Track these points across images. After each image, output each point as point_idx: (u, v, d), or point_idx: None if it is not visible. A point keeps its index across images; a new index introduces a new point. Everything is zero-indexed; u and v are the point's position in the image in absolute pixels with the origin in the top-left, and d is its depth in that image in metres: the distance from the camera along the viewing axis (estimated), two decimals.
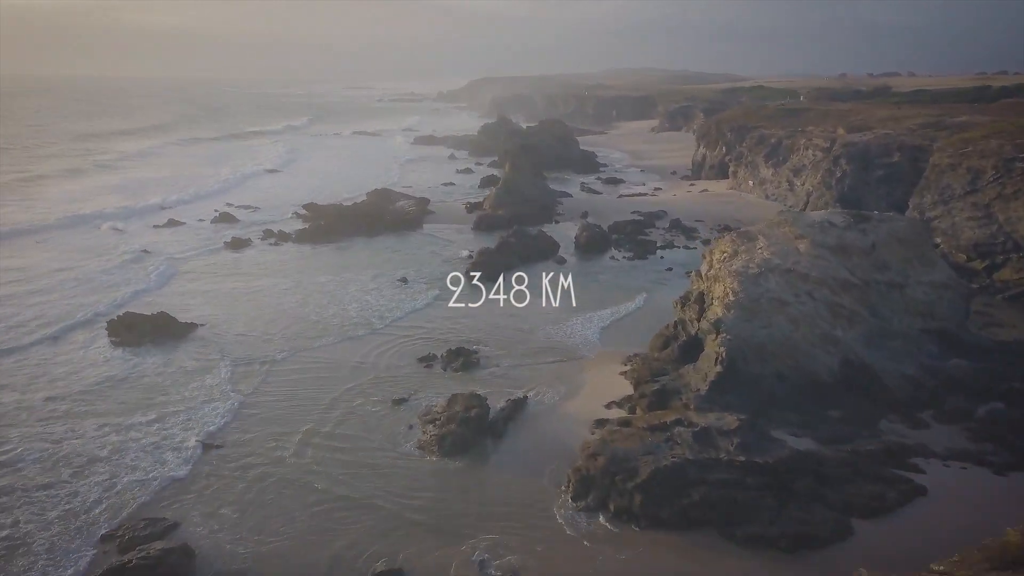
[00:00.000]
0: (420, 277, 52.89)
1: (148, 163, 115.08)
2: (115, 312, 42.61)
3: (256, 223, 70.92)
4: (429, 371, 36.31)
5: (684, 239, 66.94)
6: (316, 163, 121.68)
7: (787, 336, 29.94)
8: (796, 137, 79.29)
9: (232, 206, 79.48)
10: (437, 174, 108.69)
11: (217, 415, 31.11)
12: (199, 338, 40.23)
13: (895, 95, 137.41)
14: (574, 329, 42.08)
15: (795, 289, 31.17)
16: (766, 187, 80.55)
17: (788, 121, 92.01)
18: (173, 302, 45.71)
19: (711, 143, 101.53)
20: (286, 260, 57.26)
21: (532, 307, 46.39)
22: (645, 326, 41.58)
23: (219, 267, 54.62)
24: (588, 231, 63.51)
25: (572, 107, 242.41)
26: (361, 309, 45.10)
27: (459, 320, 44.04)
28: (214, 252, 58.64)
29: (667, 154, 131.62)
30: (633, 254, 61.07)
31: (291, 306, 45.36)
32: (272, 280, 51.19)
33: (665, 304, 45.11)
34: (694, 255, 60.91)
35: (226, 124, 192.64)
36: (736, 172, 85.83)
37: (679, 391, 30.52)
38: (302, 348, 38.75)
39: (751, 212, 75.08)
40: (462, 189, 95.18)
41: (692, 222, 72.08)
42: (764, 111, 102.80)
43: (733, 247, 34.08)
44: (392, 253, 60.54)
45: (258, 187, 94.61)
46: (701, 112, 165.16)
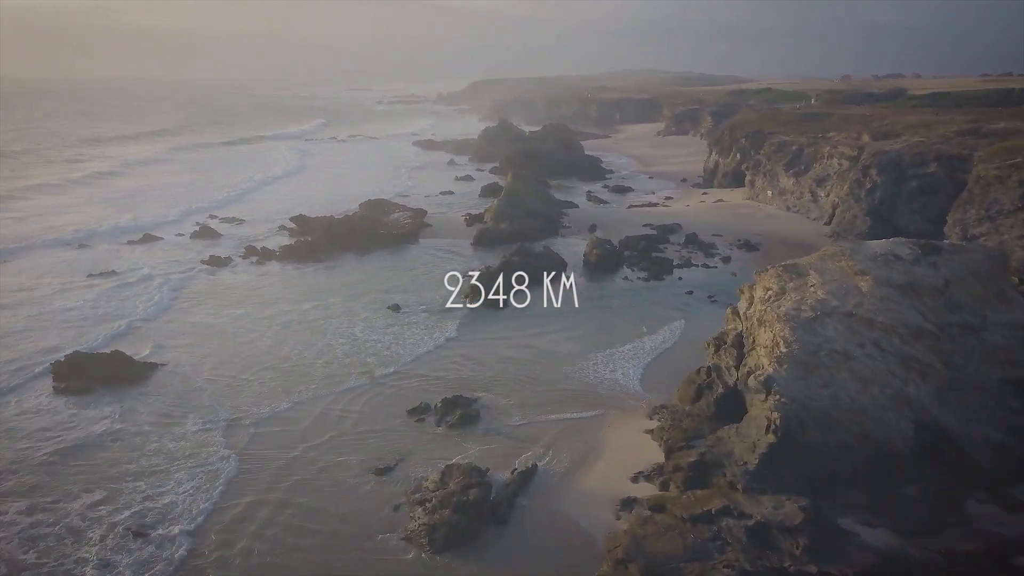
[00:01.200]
0: (414, 303, 47.63)
1: (151, 171, 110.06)
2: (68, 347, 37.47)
3: (239, 238, 65.70)
4: (421, 427, 31.06)
5: (703, 256, 61.63)
6: (315, 170, 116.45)
7: (853, 398, 24.70)
8: (819, 144, 74.02)
9: (215, 218, 74.34)
10: (436, 182, 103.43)
11: (174, 493, 25.85)
12: (159, 384, 34.98)
13: (912, 98, 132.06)
14: (589, 371, 36.77)
15: (859, 338, 25.93)
16: (787, 198, 75.27)
17: (807, 127, 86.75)
18: (132, 336, 40.52)
19: (724, 149, 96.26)
20: (267, 283, 51.98)
21: (541, 341, 41.16)
22: (672, 368, 36.35)
23: (190, 292, 49.30)
24: (598, 248, 58.24)
25: (575, 109, 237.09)
26: (347, 345, 39.74)
27: (458, 356, 38.80)
28: (187, 274, 53.33)
29: (676, 160, 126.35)
30: (648, 274, 55.80)
31: (268, 342, 40.04)
32: (249, 308, 45.91)
33: (693, 339, 39.95)
34: (715, 275, 55.79)
35: (231, 129, 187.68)
36: (754, 181, 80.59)
37: (721, 463, 25.27)
38: (278, 397, 33.48)
39: (773, 225, 69.87)
40: (462, 198, 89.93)
41: (709, 236, 66.78)
42: (780, 116, 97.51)
43: (779, 283, 28.84)
44: (385, 273, 55.28)
45: (253, 197, 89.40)
46: (709, 116, 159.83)
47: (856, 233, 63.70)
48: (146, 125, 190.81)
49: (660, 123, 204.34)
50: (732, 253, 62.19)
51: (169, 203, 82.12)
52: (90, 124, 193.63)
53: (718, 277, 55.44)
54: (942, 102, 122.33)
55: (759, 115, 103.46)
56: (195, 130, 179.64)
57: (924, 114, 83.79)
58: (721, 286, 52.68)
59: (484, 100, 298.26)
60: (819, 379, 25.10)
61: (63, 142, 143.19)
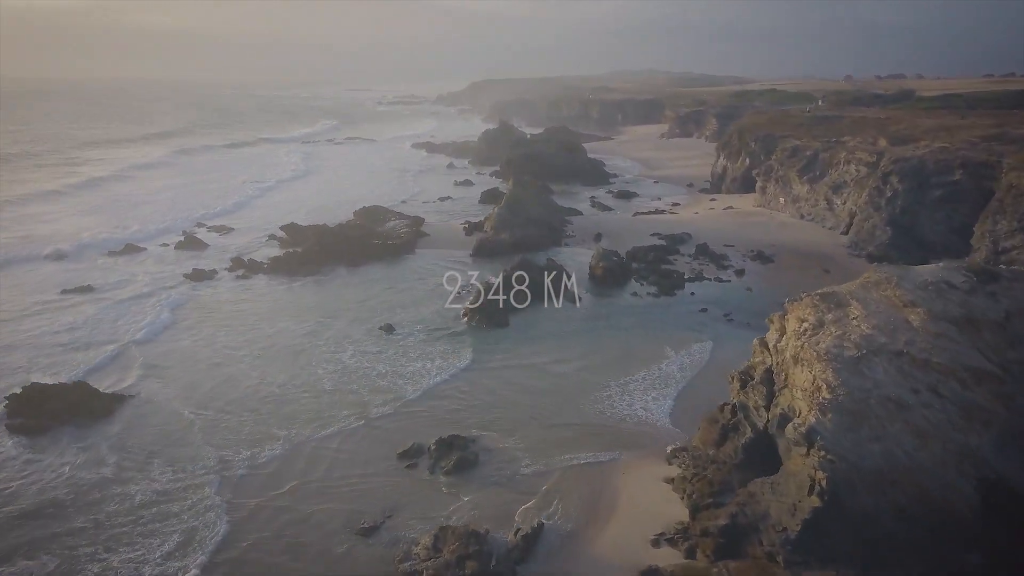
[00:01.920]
0: (410, 323, 44.32)
1: (150, 175, 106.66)
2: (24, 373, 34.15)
3: (226, 249, 62.40)
4: (413, 473, 27.75)
5: (715, 268, 58.33)
6: (311, 175, 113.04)
7: (909, 455, 21.41)
8: (835, 150, 70.69)
9: (204, 227, 71.05)
10: (434, 186, 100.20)
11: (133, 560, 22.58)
12: (126, 421, 31.63)
13: (923, 100, 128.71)
14: (601, 404, 33.47)
15: (913, 382, 22.65)
16: (800, 205, 71.95)
17: (819, 130, 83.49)
18: (101, 363, 37.20)
19: (733, 154, 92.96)
20: (250, 300, 48.61)
21: (547, 367, 37.86)
22: (691, 402, 33.13)
23: (166, 312, 45.73)
24: (604, 261, 54.93)
25: (576, 111, 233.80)
26: (335, 375, 36.30)
27: (455, 385, 35.50)
28: (165, 291, 49.82)
29: (681, 163, 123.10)
30: (658, 289, 52.50)
31: (246, 372, 36.63)
32: (229, 330, 42.56)
33: (712, 368, 36.75)
34: (729, 290, 52.52)
35: (233, 131, 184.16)
36: (765, 187, 77.26)
37: (756, 526, 21.99)
38: (255, 442, 30.02)
39: (786, 235, 66.58)
40: (461, 205, 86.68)
41: (721, 247, 63.47)
42: (791, 119, 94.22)
43: (816, 315, 25.52)
44: (378, 289, 51.95)
45: (246, 203, 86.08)
46: (714, 118, 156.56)
47: (876, 244, 60.50)
48: (148, 127, 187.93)
49: (663, 124, 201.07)
50: (746, 265, 58.91)
51: (161, 210, 78.78)
52: (91, 126, 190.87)
53: (732, 292, 52.20)
54: (954, 104, 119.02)
55: (768, 118, 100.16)
56: (197, 132, 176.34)
57: (943, 117, 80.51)
58: (737, 303, 49.45)
59: (484, 101, 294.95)
60: (869, 431, 21.79)
61: (63, 144, 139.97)
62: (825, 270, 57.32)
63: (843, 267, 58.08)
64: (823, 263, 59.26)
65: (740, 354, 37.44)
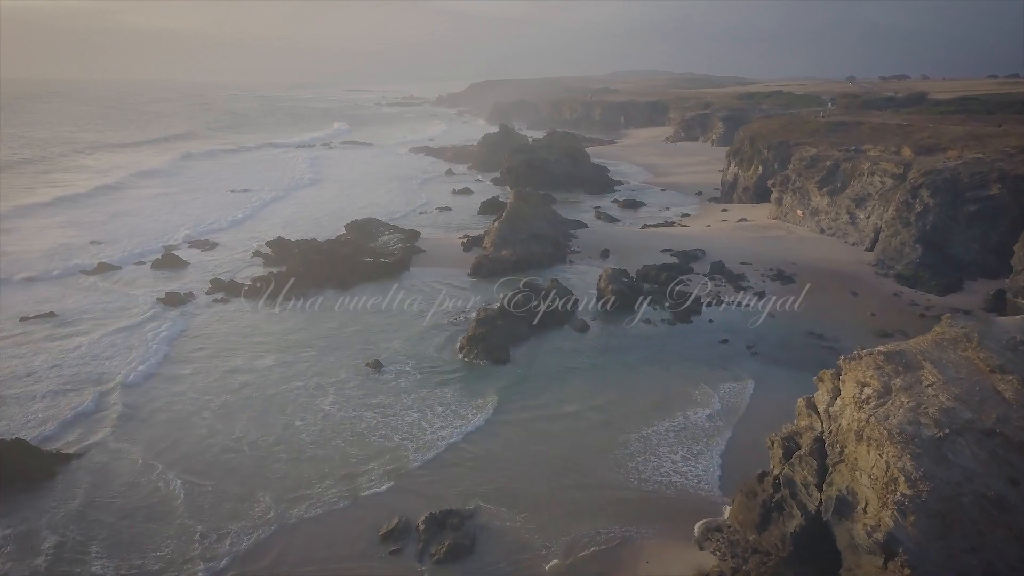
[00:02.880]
0: (400, 357, 39.99)
1: (153, 183, 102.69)
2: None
3: (207, 268, 58.09)
4: (397, 563, 23.39)
5: (732, 290, 53.97)
6: (308, 185, 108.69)
7: (1017, 570, 17.07)
8: (857, 160, 66.31)
9: (187, 243, 66.52)
10: (432, 195, 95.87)
11: None
12: (67, 489, 27.27)
13: (939, 104, 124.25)
14: (620, 462, 29.12)
15: (1011, 471, 18.34)
16: (820, 218, 67.58)
17: (837, 137, 79.17)
18: (48, 413, 32.83)
19: (745, 161, 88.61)
20: (226, 331, 44.21)
21: (555, 415, 33.54)
22: (724, 461, 28.73)
23: (129, 344, 41.15)
24: (614, 283, 50.58)
25: (578, 113, 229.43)
26: (313, 427, 31.79)
27: (450, 440, 31.14)
28: (132, 319, 45.40)
29: (688, 169, 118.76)
30: (673, 315, 48.19)
31: (211, 421, 32.24)
32: (198, 367, 38.19)
33: (745, 417, 32.40)
34: (750, 317, 48.15)
35: (241, 135, 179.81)
36: (781, 199, 72.91)
37: None
38: (212, 525, 25.45)
39: (807, 251, 62.22)
40: (459, 216, 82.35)
41: (737, 264, 59.19)
42: (805, 125, 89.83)
43: (881, 379, 21.19)
44: (367, 315, 47.58)
45: (234, 215, 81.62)
46: (720, 121, 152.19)
47: (905, 263, 56.20)
48: (151, 131, 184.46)
49: (667, 127, 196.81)
50: (765, 286, 54.60)
51: (148, 223, 74.49)
52: (94, 129, 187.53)
53: (752, 316, 47.82)
54: (972, 107, 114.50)
55: (780, 123, 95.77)
56: (202, 137, 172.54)
57: (970, 124, 76.11)
58: (760, 332, 45.12)
59: (485, 102, 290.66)
60: (964, 539, 17.46)
61: (64, 150, 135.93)
62: (852, 292, 53.00)
63: (871, 288, 53.79)
64: (849, 284, 54.92)
65: (773, 405, 33.33)
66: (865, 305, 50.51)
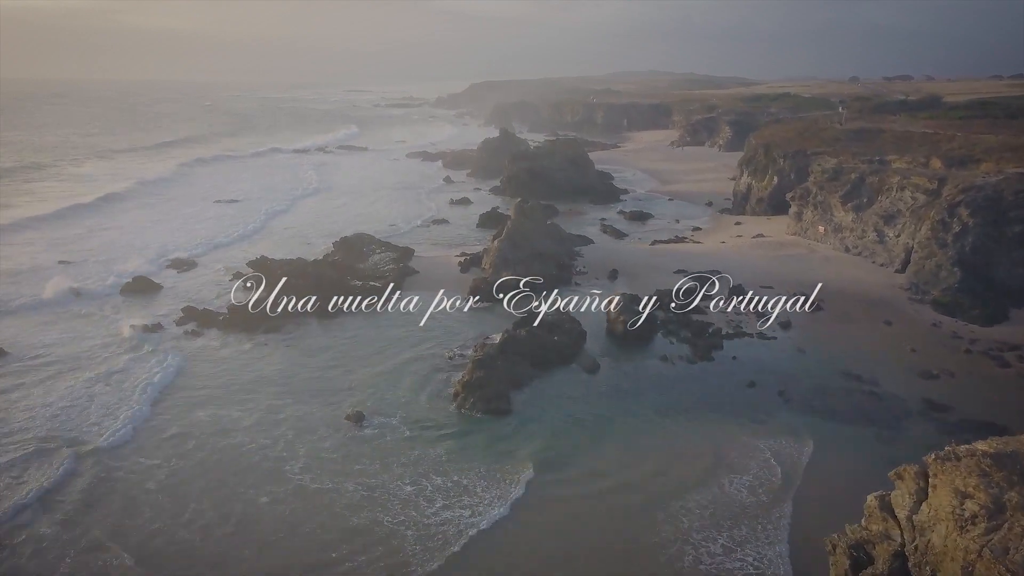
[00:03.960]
0: (386, 407, 35.23)
1: (155, 191, 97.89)
2: None
3: (181, 294, 53.34)
4: None
5: (754, 318, 49.26)
6: (298, 195, 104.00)
7: None
8: (884, 173, 61.54)
9: (164, 264, 61.54)
10: (428, 206, 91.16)
11: None
12: None
13: (957, 109, 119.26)
14: (647, 550, 24.27)
15: None
16: (845, 236, 62.79)
17: (858, 147, 74.45)
18: None
19: (758, 171, 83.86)
20: (191, 372, 39.27)
21: (565, 480, 28.83)
22: (771, 552, 23.97)
23: (75, 392, 36.02)
24: (626, 313, 45.82)
25: (580, 115, 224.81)
26: (278, 506, 26.87)
27: (459, 525, 26.36)
28: (91, 359, 40.60)
29: (695, 176, 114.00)
30: (692, 350, 43.46)
31: (153, 498, 27.30)
32: (155, 421, 33.38)
33: (791, 491, 27.65)
34: (777, 352, 43.65)
35: (246, 139, 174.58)
36: (801, 213, 68.10)
37: None
38: None
39: (832, 272, 57.45)
40: (457, 230, 77.65)
41: (757, 287, 54.47)
42: (823, 132, 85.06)
43: (989, 490, 16.49)
44: (353, 351, 42.80)
45: (221, 229, 77.05)
46: (727, 125, 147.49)
47: (942, 288, 51.47)
48: (157, 134, 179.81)
49: (671, 130, 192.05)
50: (790, 314, 49.85)
51: (129, 238, 69.62)
52: (98, 133, 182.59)
53: (781, 355, 43.19)
54: (991, 112, 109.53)
55: (795, 130, 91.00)
56: (208, 142, 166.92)
57: (1000, 132, 71.30)
58: (790, 370, 40.43)
59: (485, 103, 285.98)
60: None
61: (66, 155, 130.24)
62: (886, 322, 48.26)
63: (906, 317, 49.06)
64: (881, 311, 50.19)
65: (820, 475, 28.68)
66: (902, 337, 45.82)
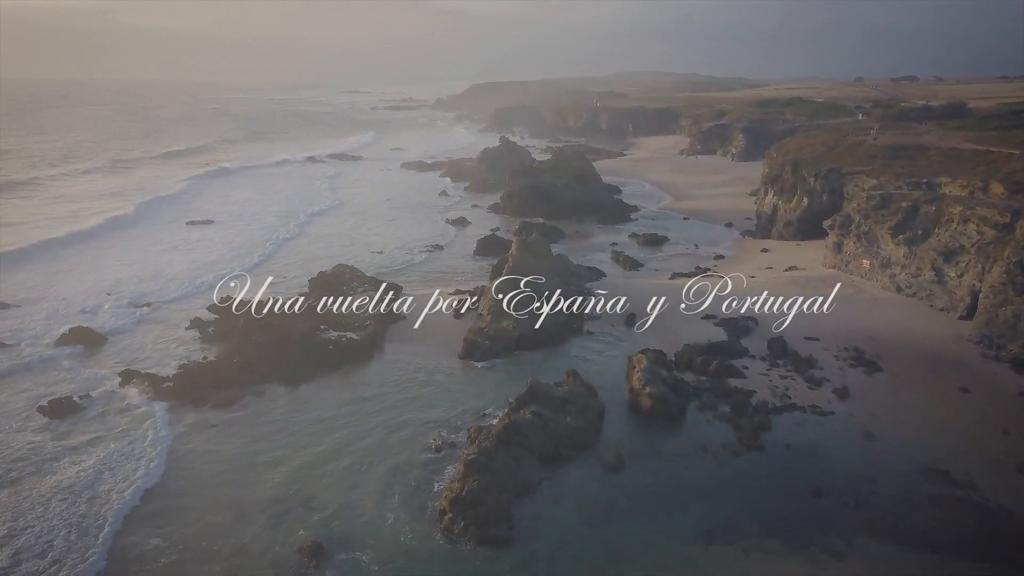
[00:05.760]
0: (354, 534, 27.27)
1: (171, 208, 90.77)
2: None
3: (126, 347, 45.44)
4: None
5: (803, 382, 41.23)
6: (283, 214, 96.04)
7: None
8: (943, 203, 53.49)
9: (116, 308, 53.45)
10: (421, 227, 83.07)
11: None
12: None
13: (990, 119, 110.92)
14: None
15: None
16: (895, 273, 54.78)
17: (900, 165, 66.45)
18: None
19: (786, 191, 75.82)
20: (118, 464, 31.34)
21: None
22: None
23: None
24: (653, 385, 37.69)
25: (583, 120, 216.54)
26: None
27: None
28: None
29: (710, 191, 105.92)
30: (736, 434, 35.37)
31: None
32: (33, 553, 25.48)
33: None
34: (837, 432, 35.78)
35: (254, 149, 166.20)
36: (841, 244, 60.03)
37: None
38: None
39: (886, 319, 49.38)
40: (452, 257, 69.68)
41: (800, 339, 46.55)
42: (858, 148, 76.97)
43: None
44: (318, 436, 34.79)
45: (186, 260, 69.20)
46: (741, 133, 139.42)
47: (1023, 343, 43.52)
48: (165, 141, 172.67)
49: (678, 136, 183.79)
50: (845, 376, 41.90)
51: (94, 274, 60.95)
52: (102, 139, 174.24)
53: (843, 439, 35.13)
54: None
55: (825, 144, 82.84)
56: (216, 150, 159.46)
57: None
58: (861, 471, 32.23)
59: (485, 106, 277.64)
60: None
61: (67, 168, 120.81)
62: (962, 389, 40.14)
63: (984, 381, 40.91)
64: (951, 372, 42.16)
65: None
66: (985, 411, 37.82)
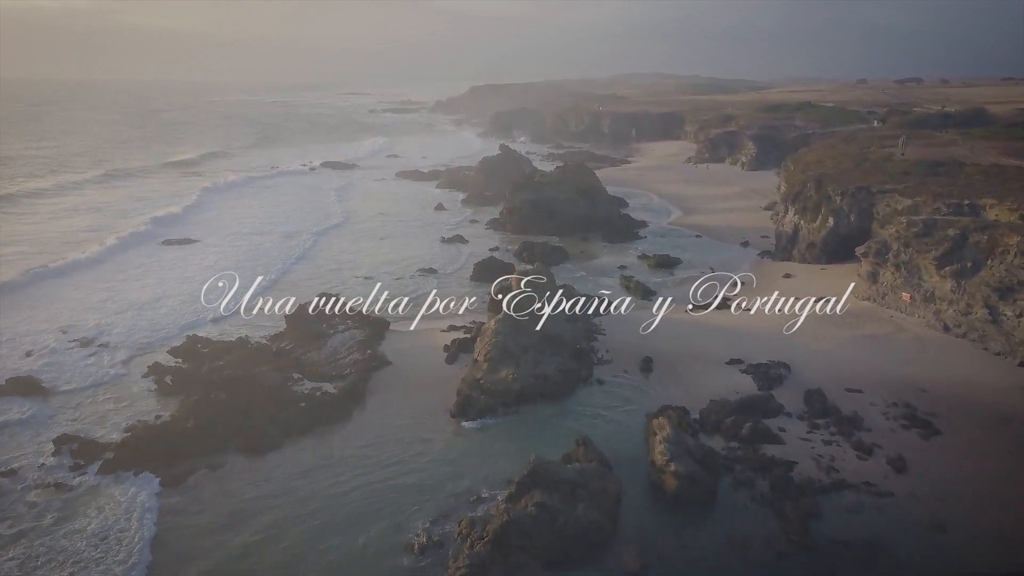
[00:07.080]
0: None
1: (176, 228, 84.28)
2: None
3: (71, 401, 39.69)
4: None
5: (850, 450, 35.48)
6: (264, 229, 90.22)
7: None
8: (997, 231, 47.78)
9: (70, 339, 47.90)
10: (414, 246, 77.35)
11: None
12: None
13: (1015, 128, 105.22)
14: None
15: None
16: (940, 309, 49.05)
17: (938, 185, 60.67)
18: None
19: (809, 210, 70.02)
20: None
21: None
22: None
23: None
24: (678, 461, 31.89)
25: (585, 124, 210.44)
26: None
27: None
28: None
29: (722, 204, 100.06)
30: (779, 521, 29.69)
31: None
32: None
33: None
34: (898, 520, 30.33)
35: (259, 156, 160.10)
36: (876, 273, 54.29)
37: None
38: None
39: (936, 366, 43.58)
40: (447, 284, 63.85)
41: (841, 391, 40.82)
42: (886, 164, 71.21)
43: None
44: (276, 533, 29.00)
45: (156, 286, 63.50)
46: (750, 140, 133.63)
47: None
48: (170, 148, 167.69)
49: (683, 141, 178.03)
50: (898, 440, 36.19)
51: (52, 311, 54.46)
52: (106, 146, 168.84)
53: (910, 532, 29.38)
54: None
55: (852, 158, 77.03)
56: (223, 158, 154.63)
57: None
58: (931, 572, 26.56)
59: (485, 108, 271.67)
60: None
61: (67, 180, 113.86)
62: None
63: None
64: (1020, 435, 36.46)
65: None
66: None
